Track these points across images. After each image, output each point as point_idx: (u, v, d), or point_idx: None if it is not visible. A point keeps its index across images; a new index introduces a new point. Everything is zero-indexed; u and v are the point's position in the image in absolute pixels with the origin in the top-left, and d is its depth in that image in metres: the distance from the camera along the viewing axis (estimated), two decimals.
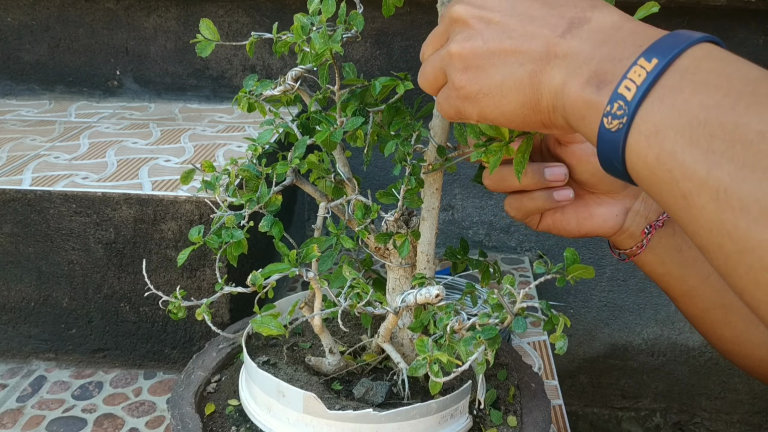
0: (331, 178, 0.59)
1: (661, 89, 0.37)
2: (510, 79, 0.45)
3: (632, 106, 0.38)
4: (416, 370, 0.49)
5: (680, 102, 0.36)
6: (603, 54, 0.41)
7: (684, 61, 0.38)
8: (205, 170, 0.56)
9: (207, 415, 0.63)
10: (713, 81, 0.36)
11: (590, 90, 0.40)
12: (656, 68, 0.38)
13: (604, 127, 0.39)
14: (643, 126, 0.38)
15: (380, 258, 0.62)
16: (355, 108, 0.56)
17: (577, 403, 1.57)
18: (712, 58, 0.37)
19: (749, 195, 0.32)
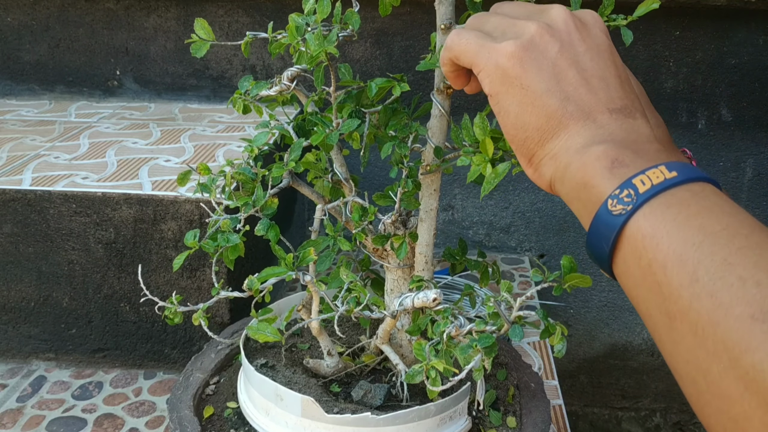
0: (328, 178, 0.59)
1: (671, 197, 0.38)
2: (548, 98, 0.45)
3: (641, 199, 0.38)
4: (413, 378, 0.48)
5: (683, 217, 0.37)
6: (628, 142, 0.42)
7: (697, 187, 0.39)
8: (200, 173, 0.55)
9: (205, 418, 0.63)
10: (717, 213, 0.36)
11: (603, 163, 0.41)
12: (674, 179, 0.39)
13: (606, 208, 0.40)
14: (644, 222, 0.38)
15: (378, 259, 0.62)
16: (352, 109, 0.56)
17: (577, 403, 1.57)
18: (720, 196, 0.39)
19: (721, 341, 0.32)
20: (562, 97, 0.44)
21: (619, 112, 0.44)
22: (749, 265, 0.33)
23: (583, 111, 0.44)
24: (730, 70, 1.26)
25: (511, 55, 0.45)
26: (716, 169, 1.32)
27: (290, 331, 0.61)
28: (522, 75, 0.45)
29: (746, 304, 0.31)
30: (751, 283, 0.32)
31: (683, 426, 1.55)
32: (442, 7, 0.54)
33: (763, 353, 0.30)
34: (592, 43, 0.46)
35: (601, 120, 0.44)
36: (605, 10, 0.51)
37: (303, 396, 0.56)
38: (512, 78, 0.45)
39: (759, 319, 0.30)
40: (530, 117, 0.45)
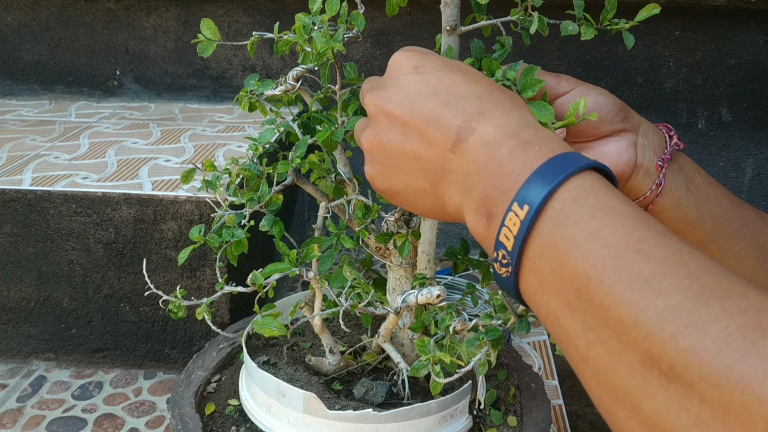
0: (331, 177, 0.59)
1: (538, 238, 0.37)
2: (413, 186, 0.45)
3: (514, 257, 0.38)
4: (418, 371, 0.48)
5: (557, 262, 0.36)
6: (487, 179, 0.40)
7: (555, 205, 0.37)
8: (206, 169, 0.56)
9: (207, 415, 0.63)
10: (581, 241, 0.35)
11: (482, 222, 0.40)
12: (528, 216, 0.37)
13: (496, 272, 0.40)
14: (531, 278, 0.38)
15: (381, 258, 0.62)
16: (356, 107, 0.56)
17: (577, 403, 1.56)
18: (580, 205, 0.37)
19: (620, 388, 0.32)
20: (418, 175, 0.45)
21: (457, 144, 0.42)
22: (624, 303, 0.32)
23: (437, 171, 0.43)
24: (730, 70, 1.26)
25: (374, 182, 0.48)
26: (716, 169, 1.32)
27: (294, 326, 0.61)
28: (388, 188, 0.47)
29: (634, 349, 0.31)
30: (630, 325, 0.31)
31: None
32: (447, 9, 0.54)
33: (658, 399, 0.29)
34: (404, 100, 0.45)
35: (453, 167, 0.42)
36: (607, 14, 0.52)
37: (305, 392, 0.56)
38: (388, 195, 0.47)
39: (647, 364, 0.30)
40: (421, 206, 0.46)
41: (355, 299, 0.54)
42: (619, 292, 0.32)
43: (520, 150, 0.40)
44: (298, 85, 0.57)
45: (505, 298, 0.47)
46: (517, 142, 0.41)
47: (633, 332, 0.31)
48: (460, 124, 0.43)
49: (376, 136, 0.46)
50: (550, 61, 1.28)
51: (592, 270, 0.34)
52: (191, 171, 0.57)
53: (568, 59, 1.27)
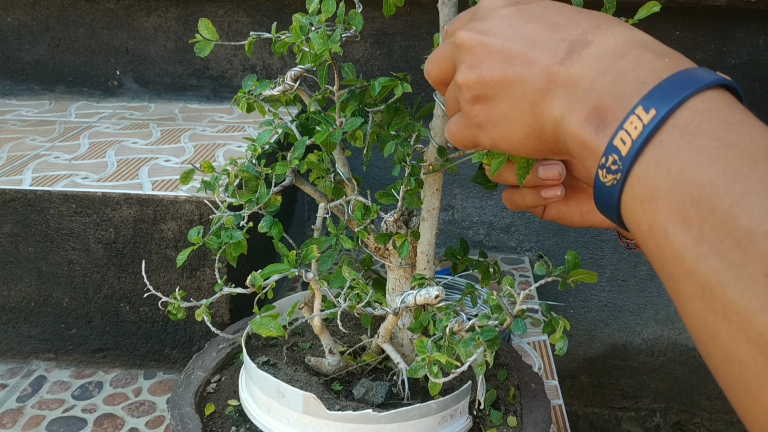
0: (330, 178, 0.59)
1: (658, 146, 0.35)
2: (514, 110, 0.44)
3: (627, 163, 0.36)
4: (416, 372, 0.48)
5: (676, 170, 0.34)
6: (604, 87, 0.39)
7: (685, 114, 0.35)
8: (204, 170, 0.56)
9: (207, 415, 0.63)
10: (712, 150, 0.33)
11: (589, 130, 0.39)
12: (653, 121, 0.35)
13: (599, 180, 0.38)
14: (638, 187, 0.36)
15: (380, 258, 0.62)
16: (355, 108, 0.56)
17: (577, 403, 1.56)
18: (714, 116, 0.35)
19: (732, 302, 0.30)
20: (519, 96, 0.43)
21: (570, 55, 0.41)
22: (756, 213, 0.30)
23: (542, 88, 0.42)
24: (730, 70, 1.26)
25: (471, 116, 0.46)
26: None
27: (292, 327, 0.61)
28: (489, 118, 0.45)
29: (759, 260, 0.29)
30: (761, 235, 0.29)
31: (683, 426, 1.55)
32: (445, 8, 0.54)
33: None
34: (503, 30, 0.45)
35: (560, 79, 0.41)
36: (607, 12, 0.51)
37: (305, 393, 0.56)
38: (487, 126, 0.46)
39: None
40: (520, 135, 0.44)
41: (354, 300, 0.54)
42: (752, 200, 0.31)
43: (649, 59, 0.39)
44: (296, 86, 0.57)
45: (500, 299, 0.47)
46: (645, 51, 0.39)
47: (763, 243, 0.29)
48: (574, 38, 0.41)
49: (472, 70, 0.45)
50: None
51: (720, 177, 0.32)
52: (190, 172, 0.57)
53: None
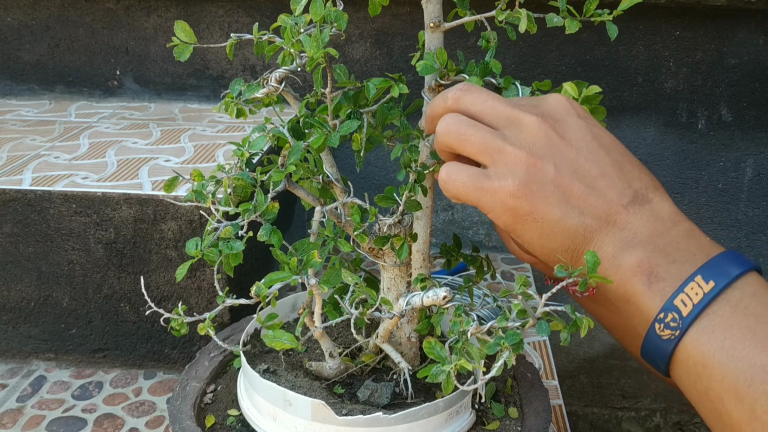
0: (318, 179, 0.58)
1: (713, 316, 0.39)
2: (566, 221, 0.44)
3: (686, 323, 0.40)
4: (436, 377, 0.48)
5: (730, 344, 0.38)
6: (658, 246, 0.43)
7: (735, 293, 0.40)
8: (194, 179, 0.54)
9: (208, 427, 0.62)
10: (761, 333, 0.38)
11: (641, 279, 0.42)
12: (713, 291, 0.40)
13: (654, 332, 0.41)
14: (692, 350, 0.40)
15: (374, 258, 0.62)
16: (349, 110, 0.55)
17: (577, 403, 1.56)
18: (759, 300, 0.39)
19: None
20: (577, 214, 0.44)
21: (633, 204, 0.44)
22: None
23: (601, 219, 0.44)
24: (730, 70, 1.26)
25: (515, 195, 0.45)
26: (716, 169, 1.32)
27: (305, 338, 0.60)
28: (533, 210, 0.45)
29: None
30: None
31: (683, 426, 1.55)
32: (430, 5, 0.54)
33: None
34: (577, 142, 0.45)
35: (620, 221, 0.44)
36: (590, 5, 0.51)
37: (313, 400, 0.56)
38: (524, 216, 0.45)
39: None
40: (555, 243, 0.45)
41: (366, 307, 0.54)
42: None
43: (695, 235, 0.44)
44: (281, 87, 0.56)
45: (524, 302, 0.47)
46: (691, 227, 0.45)
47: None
48: (637, 189, 0.45)
49: (539, 156, 0.45)
50: (550, 62, 1.28)
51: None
52: (173, 179, 0.56)
53: (568, 59, 1.27)
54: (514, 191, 0.45)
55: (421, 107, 0.58)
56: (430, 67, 0.54)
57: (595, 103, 0.54)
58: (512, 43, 1.27)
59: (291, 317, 0.73)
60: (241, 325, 0.76)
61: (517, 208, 0.45)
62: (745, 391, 0.37)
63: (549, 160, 0.45)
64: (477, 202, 0.46)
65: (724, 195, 1.34)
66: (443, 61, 0.54)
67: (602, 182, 0.45)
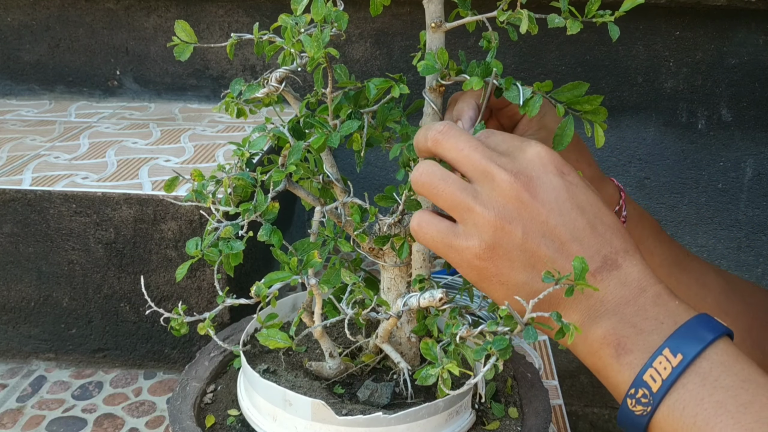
0: (318, 179, 0.58)
1: (682, 390, 0.40)
2: (531, 286, 0.44)
3: (657, 399, 0.40)
4: (426, 380, 0.48)
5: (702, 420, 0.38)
6: (625, 315, 0.42)
7: (704, 363, 0.40)
8: (194, 179, 0.54)
9: (208, 427, 0.62)
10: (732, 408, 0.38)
11: (608, 352, 0.42)
12: (681, 365, 0.40)
13: (627, 407, 0.42)
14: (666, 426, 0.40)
15: (374, 258, 0.62)
16: (350, 110, 0.55)
17: (577, 403, 1.56)
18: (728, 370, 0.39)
19: None
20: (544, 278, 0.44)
21: (601, 271, 0.44)
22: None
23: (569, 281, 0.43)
24: (730, 70, 1.26)
25: (480, 257, 0.44)
26: (716, 169, 1.32)
27: (300, 336, 0.60)
28: (498, 273, 0.45)
29: None
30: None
31: None
32: (431, 5, 0.54)
33: None
34: (550, 203, 0.44)
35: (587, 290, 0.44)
36: (592, 6, 0.51)
37: (313, 400, 0.56)
38: (489, 277, 0.45)
39: None
40: (520, 304, 0.44)
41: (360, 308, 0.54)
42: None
43: (663, 300, 0.43)
44: (281, 87, 0.56)
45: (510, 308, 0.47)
46: (659, 291, 0.44)
47: None
48: (607, 254, 0.44)
49: (506, 218, 0.44)
50: (550, 62, 1.28)
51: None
52: (174, 179, 0.56)
53: (568, 59, 1.27)
54: (480, 253, 0.44)
55: (421, 108, 0.58)
56: (431, 67, 0.53)
57: (595, 104, 0.54)
58: (512, 43, 1.27)
59: (291, 317, 0.73)
60: (241, 325, 0.76)
61: (483, 269, 0.45)
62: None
63: (518, 223, 0.44)
64: (445, 256, 0.47)
65: (724, 195, 1.34)
66: (444, 62, 0.54)
67: (572, 247, 0.44)
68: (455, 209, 0.46)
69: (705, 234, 1.36)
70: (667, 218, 1.36)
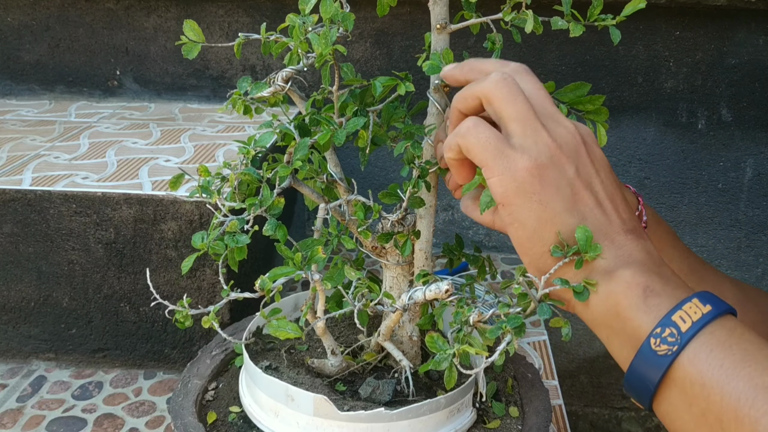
0: (323, 178, 0.58)
1: (711, 337, 0.39)
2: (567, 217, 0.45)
3: (684, 339, 0.39)
4: (439, 364, 0.48)
5: (729, 363, 0.38)
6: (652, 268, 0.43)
7: (730, 320, 0.40)
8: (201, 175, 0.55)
9: (210, 423, 0.62)
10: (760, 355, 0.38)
11: (635, 292, 0.42)
12: (710, 314, 0.40)
13: (649, 347, 0.41)
14: (691, 368, 0.39)
15: (376, 257, 0.62)
16: (356, 108, 0.56)
17: (577, 403, 1.56)
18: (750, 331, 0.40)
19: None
20: (580, 218, 0.45)
21: (632, 233, 0.45)
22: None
23: (600, 232, 0.44)
24: (730, 70, 1.26)
25: (530, 171, 0.45)
26: (716, 169, 1.32)
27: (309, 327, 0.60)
28: (540, 191, 0.45)
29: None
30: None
31: None
32: (437, 7, 0.54)
33: None
34: (598, 164, 0.47)
35: (618, 241, 0.44)
36: (594, 10, 0.52)
37: (315, 395, 0.56)
38: (530, 193, 0.45)
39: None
40: (549, 233, 0.45)
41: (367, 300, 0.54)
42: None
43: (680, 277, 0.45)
44: (287, 87, 0.57)
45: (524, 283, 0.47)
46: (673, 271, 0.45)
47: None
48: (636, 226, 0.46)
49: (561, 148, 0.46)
50: (550, 62, 1.28)
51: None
52: (179, 176, 0.56)
53: (568, 59, 1.28)
54: (531, 168, 0.45)
55: (424, 109, 0.59)
56: (436, 67, 0.54)
57: (597, 104, 0.54)
58: (513, 43, 1.27)
59: (293, 316, 0.73)
60: (242, 324, 0.76)
61: (527, 183, 0.45)
62: (746, 412, 0.36)
63: (573, 161, 0.46)
64: (487, 162, 0.45)
65: (724, 195, 1.34)
66: (450, 62, 0.54)
67: (609, 205, 0.46)
68: (524, 121, 0.46)
69: (705, 234, 1.37)
70: (667, 218, 1.36)
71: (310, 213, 1.35)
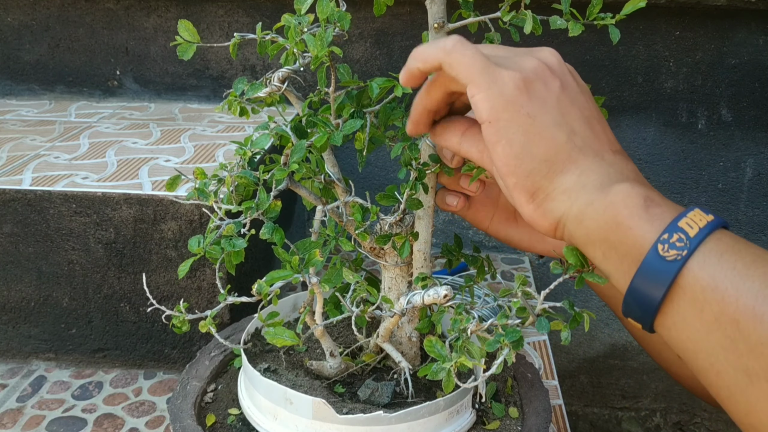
0: (320, 179, 0.58)
1: (718, 242, 0.38)
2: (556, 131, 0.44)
3: (693, 244, 0.38)
4: (436, 374, 0.48)
5: (741, 265, 0.37)
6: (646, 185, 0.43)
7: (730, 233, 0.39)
8: (197, 178, 0.54)
9: (209, 426, 0.62)
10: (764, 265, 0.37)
11: (636, 201, 0.40)
12: (715, 221, 0.39)
13: (656, 254, 0.39)
14: (701, 272, 0.38)
15: (375, 258, 0.62)
16: (353, 110, 0.55)
17: (577, 403, 1.56)
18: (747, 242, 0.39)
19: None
20: (569, 131, 0.44)
21: (620, 154, 0.45)
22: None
23: (592, 148, 0.44)
24: (730, 70, 1.26)
25: (517, 84, 0.44)
26: (716, 169, 1.32)
27: (305, 336, 0.60)
28: (528, 104, 0.44)
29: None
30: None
31: (683, 426, 1.55)
32: (434, 6, 0.54)
33: None
34: (581, 86, 0.48)
35: (608, 159, 0.43)
36: (594, 9, 0.52)
37: (314, 398, 0.56)
38: (518, 106, 0.44)
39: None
40: (538, 148, 0.43)
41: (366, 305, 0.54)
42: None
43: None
44: (284, 87, 0.56)
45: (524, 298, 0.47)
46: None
47: None
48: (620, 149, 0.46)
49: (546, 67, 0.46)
50: None
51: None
52: (176, 178, 0.56)
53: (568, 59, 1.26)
54: (519, 82, 0.44)
55: None
56: None
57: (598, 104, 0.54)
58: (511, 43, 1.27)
59: (291, 317, 0.73)
60: (241, 325, 0.76)
61: (515, 97, 0.44)
62: (766, 309, 0.34)
63: (557, 78, 0.46)
64: (473, 77, 0.44)
65: (724, 195, 1.34)
66: None
67: (597, 125, 0.45)
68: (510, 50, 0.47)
69: None
70: None
71: (309, 214, 1.35)
